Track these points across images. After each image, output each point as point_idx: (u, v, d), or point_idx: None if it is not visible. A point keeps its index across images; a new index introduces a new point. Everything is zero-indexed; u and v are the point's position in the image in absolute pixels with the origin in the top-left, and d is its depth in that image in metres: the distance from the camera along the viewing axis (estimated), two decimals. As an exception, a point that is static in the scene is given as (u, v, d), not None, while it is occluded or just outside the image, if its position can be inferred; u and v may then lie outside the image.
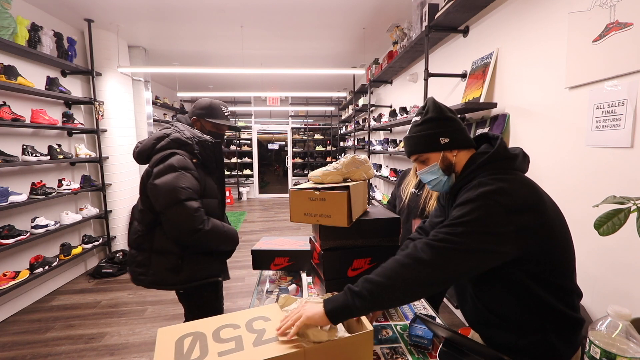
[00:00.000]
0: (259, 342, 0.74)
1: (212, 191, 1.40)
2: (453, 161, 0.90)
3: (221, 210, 1.49)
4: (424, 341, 0.94)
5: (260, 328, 0.80)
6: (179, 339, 0.77)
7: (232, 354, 0.71)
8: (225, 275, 1.47)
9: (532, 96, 1.69)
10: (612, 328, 0.61)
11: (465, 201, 0.78)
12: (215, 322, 0.83)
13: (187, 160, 1.30)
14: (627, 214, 0.73)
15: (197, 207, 1.25)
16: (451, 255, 0.73)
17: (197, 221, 1.25)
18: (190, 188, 1.26)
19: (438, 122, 0.89)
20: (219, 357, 0.70)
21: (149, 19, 3.36)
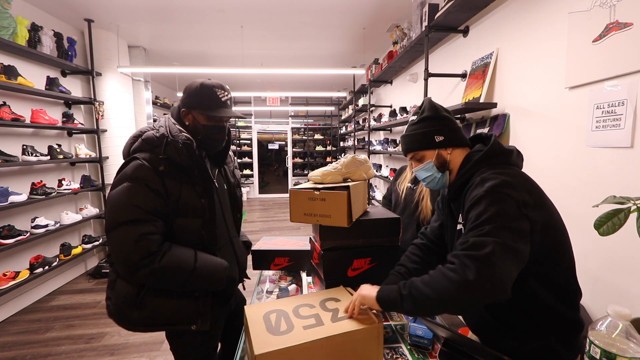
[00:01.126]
0: (335, 319, 0.84)
1: (192, 208, 1.02)
2: (447, 159, 0.92)
3: (210, 233, 1.07)
4: (424, 341, 0.94)
5: (334, 307, 0.90)
6: (265, 314, 0.86)
7: (315, 327, 0.80)
8: (203, 324, 1.03)
9: (532, 96, 1.69)
10: (612, 328, 0.61)
11: (476, 200, 0.77)
12: (292, 302, 0.94)
13: (146, 167, 0.96)
14: (627, 214, 0.73)
15: (141, 234, 0.90)
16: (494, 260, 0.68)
17: (139, 252, 0.90)
18: (139, 206, 0.92)
19: (433, 121, 0.92)
20: (304, 330, 0.79)
21: (149, 19, 3.36)
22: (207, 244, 1.07)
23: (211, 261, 1.03)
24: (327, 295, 0.98)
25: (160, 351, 2.09)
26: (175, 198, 0.99)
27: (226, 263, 1.08)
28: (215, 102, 1.06)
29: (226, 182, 1.24)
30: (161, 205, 0.97)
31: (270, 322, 0.83)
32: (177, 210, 1.00)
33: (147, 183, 0.95)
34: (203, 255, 1.02)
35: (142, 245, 0.90)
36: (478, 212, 0.75)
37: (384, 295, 0.81)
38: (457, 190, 0.90)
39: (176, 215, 1.00)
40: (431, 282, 0.74)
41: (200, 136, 1.07)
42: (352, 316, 0.84)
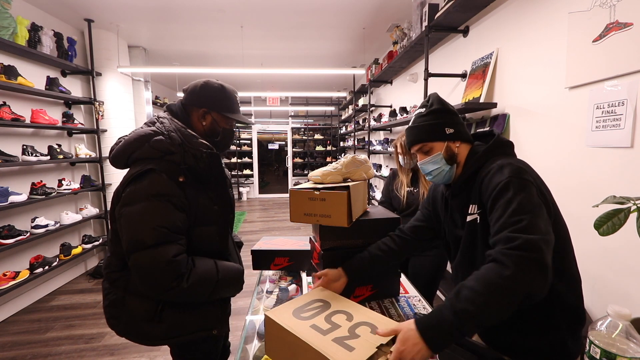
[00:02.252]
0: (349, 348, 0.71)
1: (208, 216, 1.00)
2: (456, 152, 0.92)
3: (223, 239, 1.07)
4: (424, 341, 0.93)
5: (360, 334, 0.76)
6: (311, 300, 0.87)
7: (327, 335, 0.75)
8: (222, 327, 1.05)
9: (532, 96, 1.69)
10: (612, 328, 0.61)
11: (501, 186, 0.76)
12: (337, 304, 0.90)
13: (166, 180, 0.90)
14: (627, 214, 0.73)
15: (171, 257, 0.86)
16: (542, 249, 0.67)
17: (169, 276, 0.86)
18: (165, 227, 0.87)
19: (443, 114, 0.92)
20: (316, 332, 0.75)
21: (149, 19, 3.36)
22: (222, 250, 1.05)
23: (230, 268, 1.02)
24: (366, 317, 0.84)
25: (160, 351, 2.09)
26: (194, 208, 0.95)
27: (242, 267, 1.08)
28: (236, 105, 1.06)
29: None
30: (184, 221, 0.92)
31: (305, 306, 0.84)
32: (196, 219, 0.96)
33: (169, 199, 0.89)
34: (222, 264, 1.01)
35: (171, 268, 0.86)
36: (507, 199, 0.74)
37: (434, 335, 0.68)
38: (463, 184, 0.90)
39: (195, 225, 0.97)
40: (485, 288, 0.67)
41: (219, 138, 1.05)
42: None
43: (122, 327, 0.98)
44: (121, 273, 0.98)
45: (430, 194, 1.12)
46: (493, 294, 0.66)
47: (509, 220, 0.72)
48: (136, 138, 0.95)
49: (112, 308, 0.98)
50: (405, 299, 1.25)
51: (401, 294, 1.29)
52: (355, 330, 0.78)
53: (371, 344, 0.73)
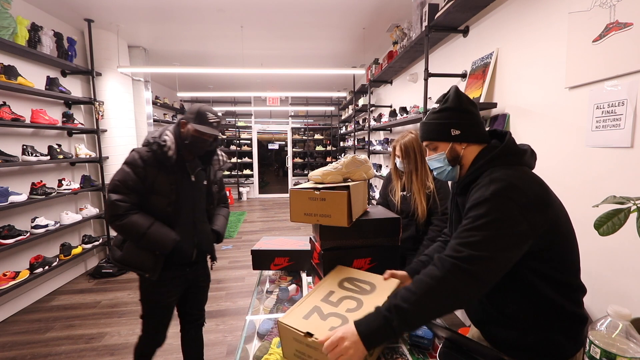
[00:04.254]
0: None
1: (162, 190, 1.38)
2: (461, 154, 0.90)
3: (174, 211, 1.41)
4: (424, 341, 0.94)
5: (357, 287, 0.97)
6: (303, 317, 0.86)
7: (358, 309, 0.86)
8: (152, 275, 1.38)
9: (532, 96, 1.69)
10: (612, 328, 0.61)
11: (479, 201, 0.77)
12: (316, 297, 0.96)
13: (136, 156, 1.35)
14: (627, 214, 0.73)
15: (113, 200, 1.31)
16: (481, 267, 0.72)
17: (110, 212, 1.31)
18: (120, 181, 1.33)
19: (453, 113, 0.89)
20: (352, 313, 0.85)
21: (149, 19, 3.36)
22: (171, 218, 1.40)
23: (163, 231, 1.36)
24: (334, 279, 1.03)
25: (160, 351, 2.09)
26: (151, 180, 1.36)
27: (176, 236, 1.38)
28: (204, 121, 1.42)
29: (207, 179, 1.55)
30: (136, 183, 1.34)
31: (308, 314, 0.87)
32: (152, 188, 1.37)
33: (133, 167, 1.34)
34: (158, 225, 1.35)
35: (113, 207, 1.31)
36: (477, 214, 0.75)
37: (365, 330, 0.73)
38: (465, 186, 0.89)
39: (151, 192, 1.37)
40: (418, 288, 0.74)
41: (188, 141, 1.41)
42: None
43: (111, 248, 1.44)
44: None
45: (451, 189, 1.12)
46: (424, 294, 0.73)
47: (464, 234, 0.75)
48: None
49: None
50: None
51: (401, 294, 1.29)
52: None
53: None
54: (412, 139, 1.62)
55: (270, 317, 1.17)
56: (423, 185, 1.59)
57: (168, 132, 1.39)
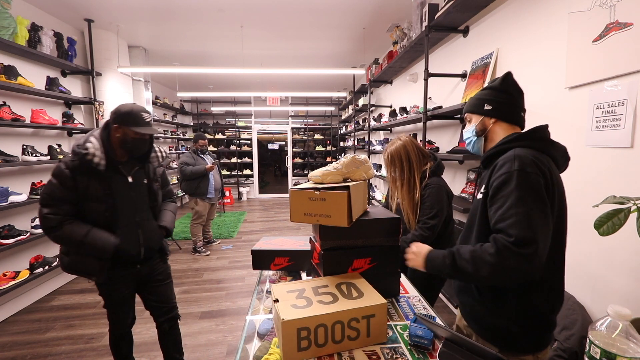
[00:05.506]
0: (350, 297, 0.96)
1: (96, 196, 1.38)
2: (488, 127, 0.99)
3: (112, 215, 1.42)
4: (424, 341, 0.94)
5: (347, 289, 1.02)
6: (288, 290, 1.01)
7: (331, 304, 0.92)
8: (98, 278, 1.44)
9: (532, 96, 1.69)
10: (612, 328, 0.61)
11: (505, 179, 0.82)
12: (311, 283, 1.08)
13: (61, 167, 1.34)
14: (627, 214, 0.73)
15: (44, 214, 1.32)
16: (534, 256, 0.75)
17: (43, 225, 1.33)
18: (48, 194, 1.33)
19: (492, 91, 0.98)
20: (321, 305, 0.92)
21: (149, 19, 3.36)
22: (110, 222, 1.42)
23: (100, 237, 1.37)
24: (341, 279, 1.10)
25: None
26: (83, 188, 1.35)
27: (115, 240, 1.40)
28: (142, 122, 1.42)
29: (146, 176, 1.56)
30: (65, 194, 1.34)
31: (293, 299, 0.96)
32: (86, 197, 1.37)
33: (59, 179, 1.33)
34: (95, 232, 1.37)
35: (45, 220, 1.32)
36: (509, 191, 0.80)
37: (431, 259, 0.95)
38: (489, 158, 0.96)
39: (84, 200, 1.37)
40: (473, 260, 0.83)
41: (129, 144, 1.42)
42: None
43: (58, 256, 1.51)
44: None
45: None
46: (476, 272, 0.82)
47: (507, 213, 0.79)
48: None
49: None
50: (405, 299, 1.25)
51: (401, 294, 1.29)
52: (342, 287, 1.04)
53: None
54: (399, 147, 1.58)
55: (270, 317, 1.17)
56: (410, 195, 1.56)
57: (92, 139, 1.36)
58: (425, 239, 1.49)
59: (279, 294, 0.99)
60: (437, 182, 1.54)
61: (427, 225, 1.50)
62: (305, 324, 0.86)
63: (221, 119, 8.19)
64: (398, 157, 1.58)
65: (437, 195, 1.51)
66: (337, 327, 0.89)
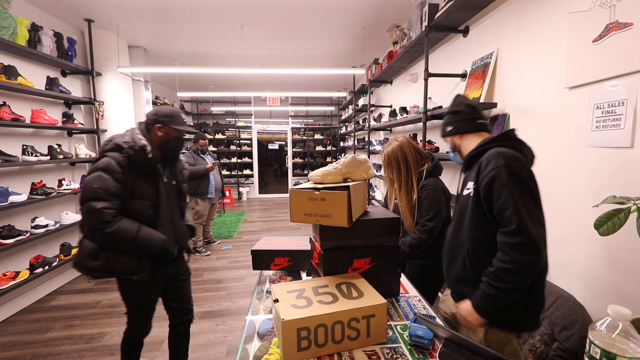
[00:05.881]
0: (350, 297, 0.97)
1: (143, 193, 1.40)
2: (457, 143, 1.20)
3: (154, 212, 1.44)
4: (424, 341, 0.94)
5: (347, 289, 1.03)
6: (287, 291, 1.01)
7: (331, 304, 0.92)
8: (142, 276, 1.41)
9: (532, 96, 1.69)
10: (612, 328, 0.61)
11: (497, 173, 0.94)
12: (311, 283, 1.08)
13: (112, 162, 1.33)
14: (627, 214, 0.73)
15: (99, 208, 1.28)
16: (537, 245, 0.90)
17: (95, 220, 1.28)
18: (102, 189, 1.30)
19: (448, 115, 1.21)
20: (321, 304, 0.92)
21: (149, 19, 3.36)
22: (153, 220, 1.43)
23: (152, 233, 1.39)
24: (341, 279, 1.10)
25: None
26: (131, 185, 1.37)
27: (164, 236, 1.43)
28: (181, 121, 1.51)
29: (175, 178, 1.61)
30: (118, 189, 1.33)
31: (293, 299, 0.96)
32: (132, 193, 1.38)
33: (112, 174, 1.33)
34: (145, 229, 1.38)
35: (98, 216, 1.28)
36: (500, 185, 0.93)
37: (481, 309, 0.98)
38: (468, 162, 1.12)
39: (131, 197, 1.38)
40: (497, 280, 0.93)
41: (171, 143, 1.49)
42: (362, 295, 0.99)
43: (76, 259, 1.38)
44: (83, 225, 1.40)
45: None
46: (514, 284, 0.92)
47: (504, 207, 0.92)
48: (108, 139, 1.44)
49: (78, 247, 1.41)
50: (405, 299, 1.25)
51: (401, 294, 1.29)
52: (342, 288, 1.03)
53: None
54: (396, 148, 1.57)
55: (270, 317, 1.17)
56: (408, 196, 1.55)
57: (141, 136, 1.41)
58: (423, 241, 1.49)
59: (279, 294, 0.98)
60: (435, 182, 1.54)
61: (425, 228, 1.49)
62: (305, 324, 0.86)
63: (221, 119, 8.19)
64: (395, 159, 1.57)
65: (435, 197, 1.50)
66: (337, 327, 0.89)
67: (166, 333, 1.77)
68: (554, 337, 1.40)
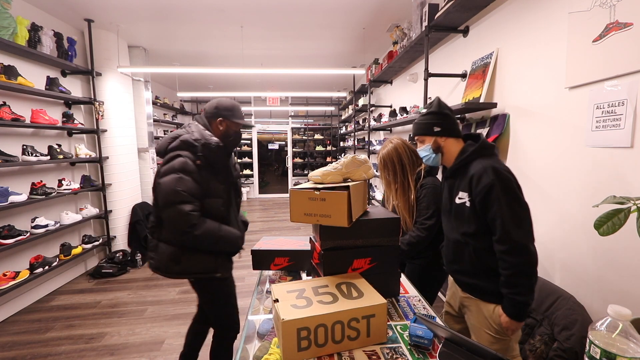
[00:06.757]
0: (350, 297, 0.97)
1: (216, 192, 1.40)
2: (442, 144, 1.23)
3: (226, 210, 1.45)
4: (424, 341, 0.94)
5: (347, 289, 1.03)
6: (287, 291, 1.01)
7: (331, 304, 0.93)
8: (224, 272, 1.44)
9: (532, 96, 1.69)
10: (612, 328, 0.61)
11: (490, 186, 1.04)
12: (311, 283, 1.09)
13: (189, 162, 1.31)
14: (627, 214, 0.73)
15: (187, 211, 1.26)
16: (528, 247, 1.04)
17: (185, 224, 1.27)
18: (186, 191, 1.28)
19: (435, 115, 1.22)
20: (321, 304, 0.92)
21: (149, 19, 3.36)
22: (225, 218, 1.43)
23: (230, 231, 1.41)
24: (341, 279, 1.11)
25: (160, 351, 2.10)
26: (206, 184, 1.36)
27: (239, 233, 1.45)
28: (241, 115, 1.51)
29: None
30: (198, 190, 1.32)
31: (293, 299, 0.96)
32: (208, 192, 1.37)
33: (191, 174, 1.31)
34: (225, 227, 1.39)
35: (187, 219, 1.26)
36: (494, 197, 1.04)
37: (516, 316, 1.06)
38: (454, 171, 1.20)
39: (206, 196, 1.36)
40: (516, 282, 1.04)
41: (232, 137, 1.48)
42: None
43: (155, 264, 1.39)
44: (157, 227, 1.39)
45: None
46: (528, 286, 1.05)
47: (497, 215, 1.04)
48: (173, 136, 1.39)
49: (151, 252, 1.41)
50: (405, 299, 1.25)
51: (401, 294, 1.29)
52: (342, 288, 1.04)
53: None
54: (391, 150, 1.59)
55: (270, 317, 1.17)
56: (405, 197, 1.56)
57: (209, 133, 1.39)
58: (422, 239, 1.50)
59: (279, 294, 0.99)
60: (433, 182, 1.55)
61: (424, 226, 1.50)
62: (305, 324, 0.86)
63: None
64: (390, 160, 1.58)
65: (433, 195, 1.51)
66: (337, 327, 0.89)
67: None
68: (554, 337, 1.40)
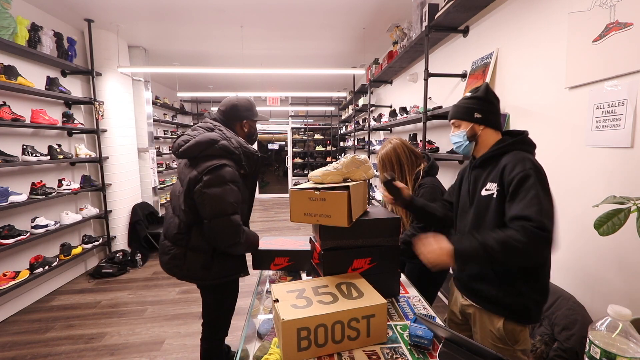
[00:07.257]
0: (350, 298, 0.96)
1: (245, 197, 1.42)
2: (478, 133, 1.11)
3: (249, 213, 1.52)
4: (424, 341, 0.94)
5: (347, 289, 1.02)
6: (287, 291, 1.01)
7: (331, 304, 0.92)
8: (245, 271, 1.51)
9: (532, 96, 1.69)
10: (612, 328, 0.61)
11: (525, 175, 0.94)
12: (311, 283, 1.08)
13: (235, 172, 1.32)
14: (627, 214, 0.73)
15: (239, 223, 1.30)
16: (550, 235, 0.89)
17: (237, 235, 1.30)
18: (236, 202, 1.30)
19: (479, 101, 1.09)
20: (321, 304, 0.92)
21: (149, 19, 3.36)
22: (246, 221, 1.48)
23: (253, 235, 1.44)
24: (341, 279, 1.10)
25: (160, 351, 2.10)
26: (242, 191, 1.37)
27: (257, 234, 1.47)
28: (256, 112, 1.53)
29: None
30: (240, 199, 1.34)
31: (293, 299, 0.96)
32: (242, 199, 1.38)
33: (237, 185, 1.32)
34: (248, 230, 1.41)
35: (239, 230, 1.30)
36: (529, 186, 0.93)
37: (462, 255, 0.95)
38: (486, 160, 1.09)
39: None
40: (504, 249, 0.90)
41: (254, 136, 1.56)
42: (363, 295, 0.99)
43: (184, 273, 1.39)
44: (185, 235, 1.37)
45: (458, 176, 1.28)
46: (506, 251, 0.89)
47: (530, 204, 0.90)
48: (207, 140, 1.33)
49: (176, 260, 1.38)
50: (405, 299, 1.25)
51: (401, 294, 1.29)
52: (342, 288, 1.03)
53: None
54: (389, 151, 1.58)
55: (270, 317, 1.17)
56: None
57: (240, 139, 1.40)
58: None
59: (279, 294, 0.99)
60: (431, 182, 1.55)
61: (420, 225, 1.50)
62: (305, 324, 0.86)
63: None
64: (389, 161, 1.58)
65: (432, 195, 1.51)
66: (337, 327, 0.89)
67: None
68: (554, 337, 1.40)
